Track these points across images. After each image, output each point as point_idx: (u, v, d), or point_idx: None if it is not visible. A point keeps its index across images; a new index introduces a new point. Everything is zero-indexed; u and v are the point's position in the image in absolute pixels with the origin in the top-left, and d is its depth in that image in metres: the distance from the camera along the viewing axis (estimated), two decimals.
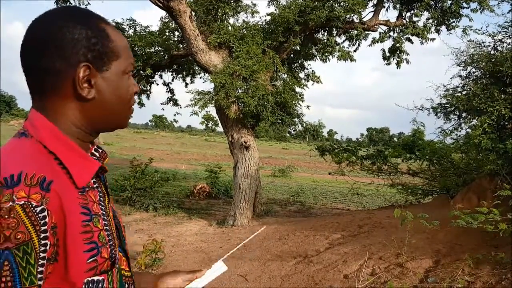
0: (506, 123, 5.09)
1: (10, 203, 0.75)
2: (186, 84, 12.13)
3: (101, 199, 0.97)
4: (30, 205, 0.77)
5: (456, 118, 6.07)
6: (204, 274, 1.29)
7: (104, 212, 0.95)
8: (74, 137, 0.94)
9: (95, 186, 0.96)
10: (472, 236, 4.99)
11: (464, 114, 5.90)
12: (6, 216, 0.75)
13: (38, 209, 0.77)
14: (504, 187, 4.49)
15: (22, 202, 0.76)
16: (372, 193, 9.97)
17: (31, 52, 0.91)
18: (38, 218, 0.77)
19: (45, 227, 0.78)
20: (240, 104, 8.78)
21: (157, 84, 11.53)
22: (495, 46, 5.63)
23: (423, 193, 8.59)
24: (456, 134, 6.30)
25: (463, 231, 4.89)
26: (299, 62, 11.54)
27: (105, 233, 0.93)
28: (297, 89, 9.92)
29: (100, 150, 1.04)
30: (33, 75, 0.92)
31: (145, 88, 11.22)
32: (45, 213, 0.78)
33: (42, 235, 0.77)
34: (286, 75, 10.10)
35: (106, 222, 0.95)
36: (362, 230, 6.36)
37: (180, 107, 12.02)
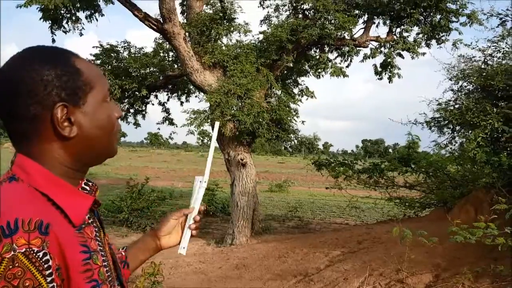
0: (500, 135, 5.16)
1: (12, 252, 0.75)
2: (182, 103, 12.19)
3: (97, 234, 0.96)
4: (32, 251, 0.77)
5: (450, 132, 6.15)
6: (195, 202, 1.36)
7: (101, 248, 0.95)
8: (64, 176, 0.92)
9: (90, 221, 0.96)
10: (471, 249, 5.01)
11: (457, 128, 5.97)
12: (10, 266, 0.74)
13: (41, 254, 0.77)
14: (500, 200, 4.53)
15: (24, 249, 0.76)
16: (370, 206, 9.99)
17: (4, 101, 0.88)
18: (42, 263, 0.77)
19: (50, 270, 0.78)
20: (235, 122, 8.84)
21: (153, 104, 11.59)
22: (486, 60, 5.74)
23: (420, 206, 8.63)
24: (451, 148, 6.37)
25: (462, 244, 4.90)
26: (293, 78, 11.66)
27: (104, 269, 0.92)
28: (292, 105, 10.00)
29: (90, 184, 1.01)
30: (12, 123, 0.90)
31: (140, 109, 11.26)
32: (48, 256, 0.78)
33: (49, 278, 0.77)
34: (280, 92, 10.19)
35: (104, 258, 0.94)
36: (361, 246, 6.36)
37: (176, 126, 12.06)
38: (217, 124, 1.36)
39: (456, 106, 5.75)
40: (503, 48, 5.67)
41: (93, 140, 0.94)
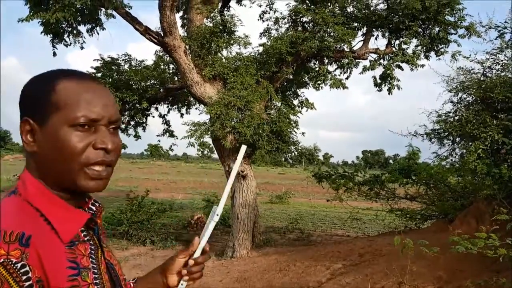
0: (500, 147, 5.16)
1: None
2: (182, 115, 12.23)
3: (93, 252, 0.96)
4: (10, 262, 0.77)
5: (450, 143, 6.15)
6: (202, 239, 1.25)
7: (95, 266, 0.94)
8: (58, 192, 0.94)
9: (86, 239, 0.96)
10: (473, 261, 4.98)
11: (457, 139, 5.98)
12: None
13: (19, 265, 0.78)
14: (501, 211, 4.51)
15: (2, 260, 0.77)
16: (371, 218, 9.96)
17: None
18: (20, 274, 0.78)
19: (30, 282, 0.78)
20: (236, 134, 8.85)
21: (153, 117, 11.62)
22: (485, 72, 5.77)
23: (422, 217, 8.59)
24: (451, 160, 6.36)
25: (463, 256, 4.87)
26: (293, 90, 11.71)
27: (95, 287, 0.92)
28: (292, 117, 10.02)
29: (97, 204, 1.03)
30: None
31: (141, 121, 11.29)
32: (27, 268, 0.79)
33: None
34: (280, 104, 10.23)
35: (96, 276, 0.94)
36: (363, 258, 6.32)
37: (176, 138, 12.07)
38: (243, 148, 1.24)
39: (456, 118, 5.77)
40: (502, 61, 5.71)
41: (50, 162, 0.92)
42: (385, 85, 10.30)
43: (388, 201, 9.24)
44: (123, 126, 10.74)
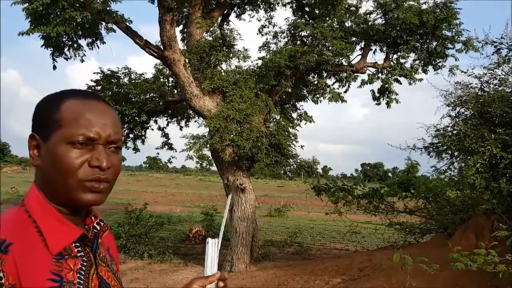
0: (499, 162, 5.17)
1: None
2: (181, 128, 12.25)
3: (84, 268, 0.96)
4: None
5: (449, 157, 6.15)
6: (212, 270, 1.28)
7: (81, 282, 0.94)
8: (59, 206, 0.98)
9: (79, 255, 0.97)
10: (473, 277, 4.94)
11: (456, 153, 5.98)
12: None
13: None
14: (501, 227, 4.50)
15: None
16: (371, 232, 9.91)
17: None
18: None
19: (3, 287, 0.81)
20: (234, 147, 8.85)
21: (152, 129, 11.63)
22: (482, 87, 5.80)
23: (421, 232, 8.55)
24: (450, 174, 6.36)
25: (463, 271, 4.83)
26: (291, 103, 11.77)
27: None
28: (291, 130, 10.04)
29: (101, 224, 1.06)
30: None
31: (140, 134, 11.29)
32: (0, 274, 0.82)
33: None
34: (279, 117, 10.25)
35: None
36: (362, 273, 6.27)
37: (175, 151, 12.06)
38: (230, 197, 1.32)
39: (454, 132, 5.78)
40: (499, 75, 5.74)
41: (50, 177, 0.97)
42: (383, 99, 10.36)
43: (387, 215, 9.20)
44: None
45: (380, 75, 10.13)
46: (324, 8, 10.40)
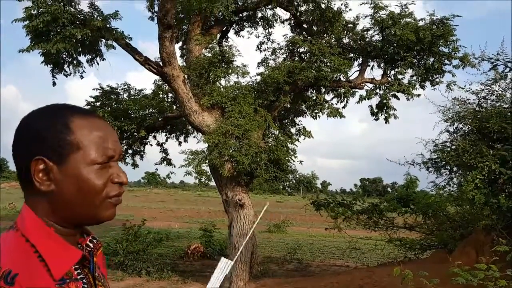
0: (497, 177, 5.17)
1: None
2: (180, 143, 12.25)
3: None
4: None
5: (448, 173, 6.15)
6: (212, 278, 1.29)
7: None
8: (56, 228, 0.94)
9: (79, 277, 0.95)
10: None
11: (455, 169, 5.99)
12: None
13: None
14: (501, 242, 4.48)
15: None
16: (371, 248, 9.83)
17: (12, 148, 0.96)
18: None
19: None
20: (233, 162, 8.84)
21: (151, 145, 11.63)
22: (480, 103, 5.84)
23: (421, 247, 8.50)
24: (449, 189, 6.35)
25: (464, 286, 4.79)
26: (290, 118, 11.81)
27: None
28: (289, 145, 10.04)
29: (94, 241, 1.04)
30: (17, 170, 0.95)
31: (138, 149, 11.29)
32: None
33: None
34: (278, 132, 10.28)
35: None
36: None
37: (174, 167, 12.03)
38: (266, 206, 1.34)
39: (453, 147, 5.80)
40: (496, 91, 5.79)
41: (71, 200, 0.94)
42: (381, 114, 10.41)
43: (387, 230, 9.15)
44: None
45: (378, 90, 10.21)
46: (322, 25, 10.54)
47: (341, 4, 10.39)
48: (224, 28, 11.22)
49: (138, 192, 66.68)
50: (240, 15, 11.26)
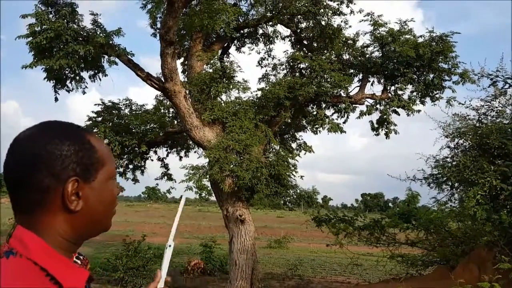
0: (499, 193, 5.15)
1: None
2: (181, 158, 12.25)
3: None
4: None
5: (449, 188, 6.14)
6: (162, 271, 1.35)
7: None
8: (62, 250, 0.93)
9: None
10: None
11: (456, 185, 5.97)
12: None
13: None
14: (503, 259, 4.45)
15: None
16: (372, 264, 9.74)
17: (19, 170, 0.91)
18: None
19: None
20: (234, 177, 8.82)
21: (152, 160, 11.62)
22: (480, 119, 5.86)
23: (423, 264, 8.42)
24: (451, 205, 6.33)
25: None
26: (291, 133, 11.83)
27: None
28: (290, 160, 10.04)
29: (81, 257, 1.05)
30: (21, 192, 0.92)
31: (139, 164, 11.28)
32: None
33: None
34: (278, 147, 10.29)
35: None
36: None
37: (175, 182, 11.99)
38: (183, 198, 1.47)
39: (454, 163, 5.79)
40: (496, 107, 5.82)
41: (95, 214, 0.98)
42: (382, 130, 10.43)
43: (388, 247, 9.08)
44: (121, 169, 10.73)
45: (378, 106, 10.24)
46: (322, 41, 10.66)
47: (341, 21, 10.53)
48: (226, 44, 11.33)
49: (138, 207, 66.44)
50: (241, 31, 11.39)
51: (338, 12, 10.39)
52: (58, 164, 0.91)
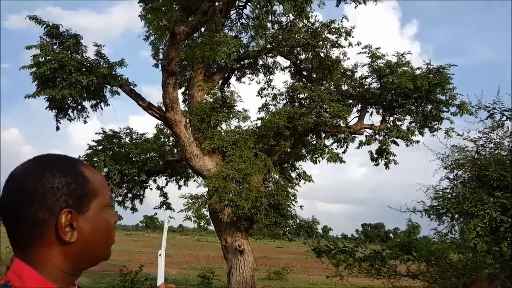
0: (499, 225, 5.13)
1: None
2: (180, 187, 12.21)
3: None
4: None
5: (449, 220, 6.11)
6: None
7: None
8: (59, 283, 0.94)
9: None
10: None
11: (456, 216, 5.95)
12: None
13: None
14: None
15: None
16: None
17: (13, 205, 0.93)
18: None
19: None
20: (233, 207, 8.78)
21: (151, 189, 11.60)
22: (478, 151, 5.90)
23: None
24: (451, 237, 6.28)
25: None
26: (290, 162, 11.85)
27: None
28: (290, 190, 10.02)
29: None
30: (16, 226, 0.93)
31: (138, 193, 11.24)
32: None
33: None
34: (278, 176, 10.29)
35: None
36: None
37: (173, 211, 11.91)
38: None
39: (453, 194, 5.79)
40: (494, 139, 5.86)
41: (91, 244, 0.98)
42: (381, 160, 10.46)
43: (389, 279, 8.92)
44: (120, 198, 10.70)
45: (377, 136, 10.32)
46: (321, 72, 10.85)
47: (340, 53, 10.76)
48: (226, 75, 11.53)
49: (136, 236, 65.58)
50: (242, 62, 11.61)
51: (336, 45, 10.63)
52: (50, 197, 0.92)
